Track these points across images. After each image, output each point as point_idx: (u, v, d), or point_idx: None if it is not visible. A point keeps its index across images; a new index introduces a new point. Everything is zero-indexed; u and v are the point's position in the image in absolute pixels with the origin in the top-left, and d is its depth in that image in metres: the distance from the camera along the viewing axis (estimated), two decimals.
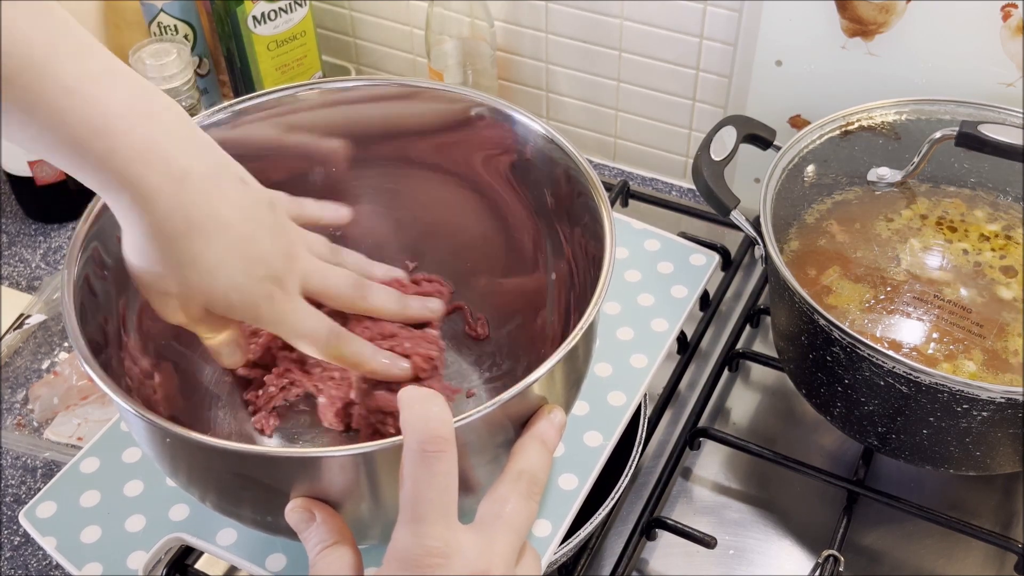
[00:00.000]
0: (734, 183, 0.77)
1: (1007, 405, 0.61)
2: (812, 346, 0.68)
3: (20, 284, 0.96)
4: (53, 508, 0.63)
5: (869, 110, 0.79)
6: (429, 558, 0.44)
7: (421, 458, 0.45)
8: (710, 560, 0.72)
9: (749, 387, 0.84)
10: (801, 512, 0.75)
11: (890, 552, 0.73)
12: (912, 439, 0.67)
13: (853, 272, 0.71)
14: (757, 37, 0.88)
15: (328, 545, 0.49)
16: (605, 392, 0.67)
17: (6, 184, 1.03)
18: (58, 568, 0.74)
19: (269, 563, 0.60)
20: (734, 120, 0.78)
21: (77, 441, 0.81)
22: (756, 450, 0.76)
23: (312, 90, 0.66)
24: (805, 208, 0.75)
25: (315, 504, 0.49)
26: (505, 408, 0.49)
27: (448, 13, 0.96)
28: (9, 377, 0.87)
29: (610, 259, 0.55)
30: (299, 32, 1.02)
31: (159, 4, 1.00)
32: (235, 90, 1.07)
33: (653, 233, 0.79)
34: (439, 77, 0.99)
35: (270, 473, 0.50)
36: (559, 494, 0.62)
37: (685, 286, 0.75)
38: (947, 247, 0.72)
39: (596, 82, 1.02)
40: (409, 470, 0.45)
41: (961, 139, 0.71)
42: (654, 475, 0.76)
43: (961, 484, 0.76)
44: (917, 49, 0.83)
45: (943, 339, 0.67)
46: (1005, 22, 0.78)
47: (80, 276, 0.55)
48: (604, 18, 0.96)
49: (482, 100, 0.65)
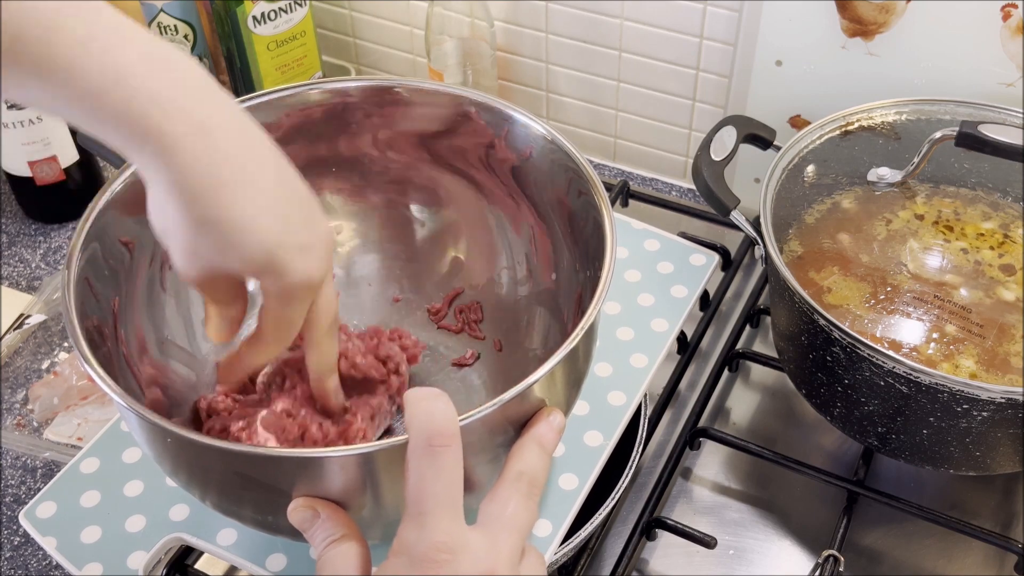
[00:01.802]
0: (734, 183, 0.77)
1: (1007, 405, 0.61)
2: (812, 346, 0.68)
3: (20, 284, 0.96)
4: (53, 508, 0.63)
5: (869, 110, 0.79)
6: (437, 553, 0.43)
7: (428, 452, 0.45)
8: (710, 560, 0.72)
9: (749, 387, 0.84)
10: (801, 512, 0.75)
11: (890, 552, 0.73)
12: (912, 439, 0.67)
13: (853, 272, 0.71)
14: (757, 37, 0.88)
15: (335, 539, 0.48)
16: (605, 392, 0.67)
17: (6, 184, 1.03)
18: (58, 568, 0.74)
19: (269, 563, 0.60)
20: (734, 120, 0.78)
21: (77, 441, 0.81)
22: (756, 450, 0.76)
23: (312, 90, 0.66)
24: (805, 208, 0.75)
25: (318, 501, 0.49)
26: (505, 408, 0.49)
27: (448, 13, 0.96)
28: (9, 377, 0.87)
29: (611, 260, 0.55)
30: (299, 32, 1.02)
31: (159, 4, 1.00)
32: (235, 90, 1.07)
33: (653, 233, 0.79)
34: (439, 77, 0.99)
35: (270, 473, 0.50)
36: (559, 494, 0.62)
37: (685, 286, 0.75)
38: (947, 247, 0.72)
39: (596, 82, 1.02)
40: (415, 464, 0.45)
41: (961, 139, 0.71)
42: (654, 475, 0.76)
43: (961, 484, 0.76)
44: (917, 49, 0.83)
45: (943, 339, 0.67)
46: (1005, 22, 0.78)
47: (80, 276, 0.55)
48: (604, 18, 0.96)
49: (482, 100, 0.65)
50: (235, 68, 1.04)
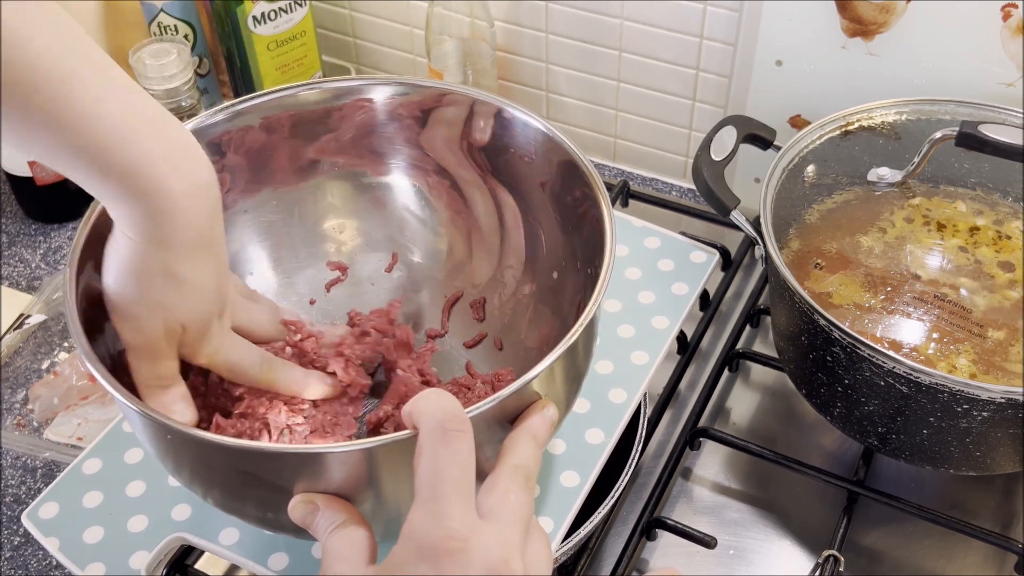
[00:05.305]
0: (734, 183, 0.77)
1: (1007, 405, 0.61)
2: (812, 346, 0.68)
3: (20, 284, 0.96)
4: (56, 509, 0.63)
5: (869, 110, 0.79)
6: (448, 541, 0.43)
7: (442, 436, 0.45)
8: (710, 560, 0.72)
9: (749, 387, 0.84)
10: (801, 512, 0.76)
11: (890, 552, 0.73)
12: (912, 439, 0.67)
13: (853, 272, 0.71)
14: (757, 37, 0.88)
15: (338, 525, 0.48)
16: (606, 389, 0.67)
17: (6, 184, 1.03)
18: (58, 568, 0.74)
19: (271, 562, 0.60)
20: (734, 120, 0.78)
21: (77, 441, 0.81)
22: (756, 450, 0.76)
23: (312, 90, 0.66)
24: (805, 208, 0.75)
25: (316, 495, 0.49)
26: (504, 404, 0.49)
27: (448, 13, 0.96)
28: (9, 377, 0.87)
29: (610, 255, 0.55)
30: (299, 32, 1.02)
31: (159, 4, 1.00)
32: (235, 90, 1.07)
33: (653, 231, 0.79)
34: (439, 77, 0.99)
35: (272, 469, 0.50)
36: (561, 491, 0.62)
37: (686, 283, 0.75)
38: (946, 247, 0.72)
39: (596, 82, 1.02)
40: (430, 449, 0.45)
41: (961, 139, 0.71)
42: (654, 475, 0.76)
43: (961, 484, 0.76)
44: (917, 49, 0.83)
45: (943, 339, 0.67)
46: (1005, 22, 0.78)
47: (83, 274, 0.55)
48: (604, 18, 0.96)
49: (484, 99, 0.65)
50: (235, 68, 1.04)
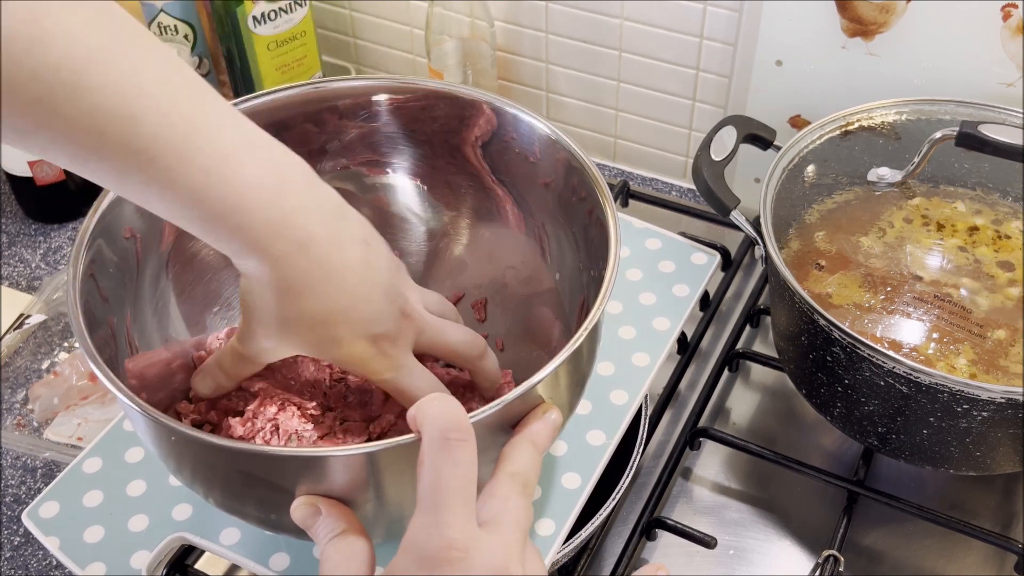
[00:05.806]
0: (734, 183, 0.77)
1: (1007, 405, 0.61)
2: (812, 346, 0.68)
3: (20, 284, 0.96)
4: (56, 508, 0.63)
5: (869, 110, 0.79)
6: (449, 551, 0.43)
7: (444, 445, 0.44)
8: (710, 560, 0.72)
9: (749, 387, 0.84)
10: (801, 512, 0.76)
11: (890, 552, 0.73)
12: (912, 439, 0.67)
13: (853, 272, 0.71)
14: (757, 37, 0.88)
15: (337, 534, 0.48)
16: (607, 391, 0.67)
17: (6, 184, 1.03)
18: (58, 568, 0.74)
19: (272, 562, 0.60)
20: (734, 120, 0.78)
21: (77, 441, 0.81)
22: (756, 450, 0.76)
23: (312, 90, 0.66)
24: (805, 208, 0.75)
25: (319, 499, 0.49)
26: (507, 409, 0.49)
27: (448, 13, 0.96)
28: (9, 377, 0.87)
29: (615, 259, 0.55)
30: (299, 32, 1.02)
31: (159, 4, 1.00)
32: (235, 90, 1.07)
33: (654, 232, 0.79)
34: (439, 77, 0.99)
35: (274, 471, 0.50)
36: (562, 493, 0.62)
37: (687, 285, 0.75)
38: (946, 247, 0.72)
39: (596, 82, 1.02)
40: (431, 458, 0.44)
41: (961, 139, 0.71)
42: (654, 475, 0.76)
43: (961, 484, 0.76)
44: (917, 49, 0.83)
45: (943, 339, 0.67)
46: (1005, 22, 0.78)
47: (85, 274, 0.55)
48: (604, 18, 0.96)
49: (486, 99, 0.65)
50: (235, 68, 1.04)
